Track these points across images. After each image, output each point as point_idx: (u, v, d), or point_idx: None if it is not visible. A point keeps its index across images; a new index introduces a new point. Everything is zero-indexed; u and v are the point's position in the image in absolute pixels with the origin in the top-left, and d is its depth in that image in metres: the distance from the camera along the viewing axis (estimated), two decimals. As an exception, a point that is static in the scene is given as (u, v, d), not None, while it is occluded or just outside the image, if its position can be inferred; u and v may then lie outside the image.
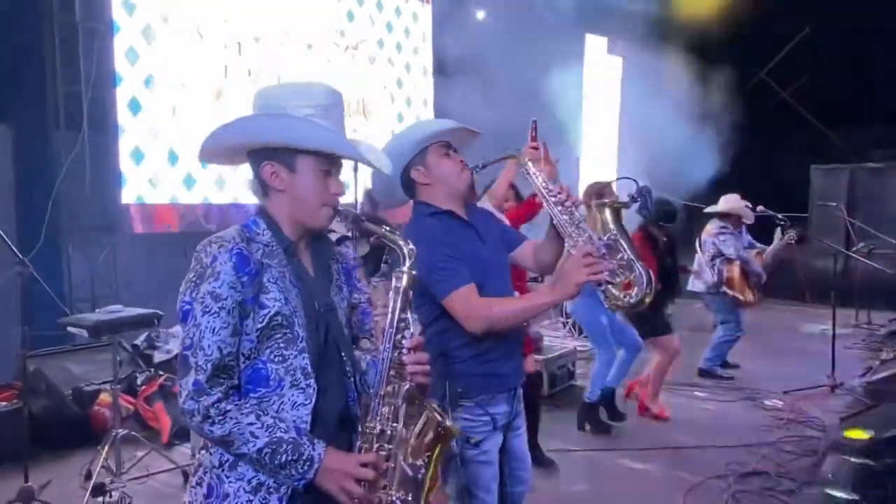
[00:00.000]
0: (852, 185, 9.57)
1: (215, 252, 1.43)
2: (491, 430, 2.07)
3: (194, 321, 1.41)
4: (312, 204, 1.51)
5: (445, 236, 2.05)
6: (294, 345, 1.46)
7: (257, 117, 1.51)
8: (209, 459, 1.48)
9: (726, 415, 4.96)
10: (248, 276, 1.43)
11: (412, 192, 2.17)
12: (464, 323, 2.00)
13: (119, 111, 5.86)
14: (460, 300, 1.98)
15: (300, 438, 1.41)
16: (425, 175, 2.11)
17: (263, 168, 1.50)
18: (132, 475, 3.70)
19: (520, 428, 2.22)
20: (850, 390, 5.28)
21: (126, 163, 5.95)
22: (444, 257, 2.00)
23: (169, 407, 4.47)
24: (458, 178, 2.11)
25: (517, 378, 2.18)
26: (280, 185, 1.51)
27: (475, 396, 2.06)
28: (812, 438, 4.36)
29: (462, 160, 2.14)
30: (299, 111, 1.47)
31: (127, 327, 3.77)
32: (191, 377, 1.39)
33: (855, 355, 6.40)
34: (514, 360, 2.17)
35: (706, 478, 3.78)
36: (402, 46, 8.36)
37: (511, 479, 2.18)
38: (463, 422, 2.01)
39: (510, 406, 2.15)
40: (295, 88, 1.53)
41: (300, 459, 1.40)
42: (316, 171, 1.50)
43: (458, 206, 2.14)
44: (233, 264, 1.42)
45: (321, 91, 1.52)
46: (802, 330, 7.57)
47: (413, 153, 2.09)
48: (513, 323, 2.09)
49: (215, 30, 6.46)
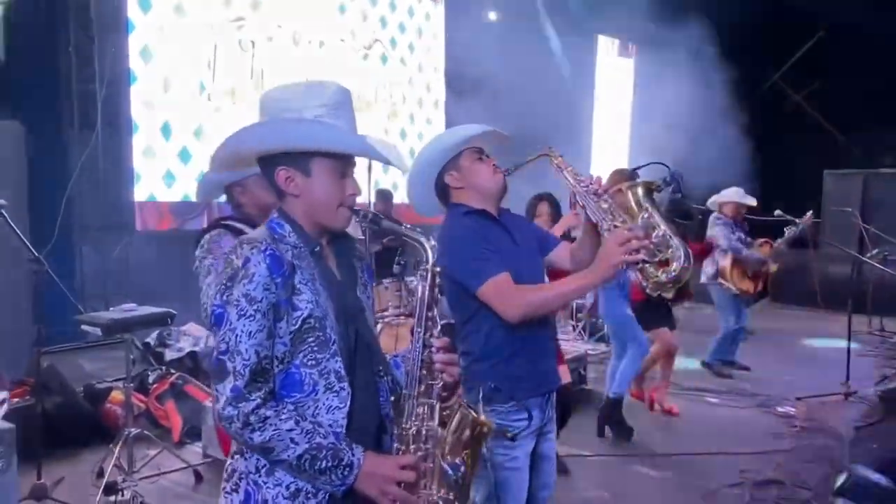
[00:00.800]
0: (866, 190, 9.49)
1: (247, 253, 1.40)
2: (526, 426, 2.05)
3: (229, 325, 1.38)
4: (329, 206, 1.49)
5: (480, 231, 2.07)
6: (327, 347, 1.45)
7: (270, 124, 1.48)
8: (244, 465, 1.45)
9: (739, 421, 4.91)
10: (281, 278, 1.41)
11: (446, 198, 2.18)
12: (500, 311, 1.99)
13: (133, 109, 5.88)
14: (495, 288, 1.98)
15: (339, 444, 1.40)
16: (459, 179, 2.13)
17: (278, 173, 1.48)
18: (144, 474, 3.70)
19: (550, 433, 2.21)
20: (864, 399, 5.23)
21: (139, 161, 5.97)
22: (478, 250, 2.01)
23: (180, 405, 4.46)
24: (492, 180, 2.13)
25: (552, 382, 2.18)
26: (295, 189, 1.48)
27: (509, 401, 2.05)
28: (826, 447, 4.31)
29: (494, 163, 2.16)
30: (309, 112, 1.45)
31: (140, 326, 3.77)
32: (229, 383, 1.37)
33: (869, 363, 6.33)
34: (549, 362, 2.17)
35: (721, 486, 3.74)
36: (415, 46, 8.35)
37: (537, 483, 2.17)
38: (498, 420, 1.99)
39: (543, 411, 2.14)
40: (302, 89, 1.50)
41: (340, 465, 1.38)
42: (331, 174, 1.48)
43: (492, 208, 2.16)
44: (266, 265, 1.39)
45: (330, 90, 1.49)
46: (815, 336, 7.50)
47: (446, 159, 2.12)
48: (550, 308, 2.12)
49: (229, 29, 6.48)
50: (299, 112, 1.45)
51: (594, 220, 2.04)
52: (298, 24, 7.04)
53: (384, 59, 7.93)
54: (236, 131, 1.52)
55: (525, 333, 2.05)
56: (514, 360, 2.06)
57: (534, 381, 2.10)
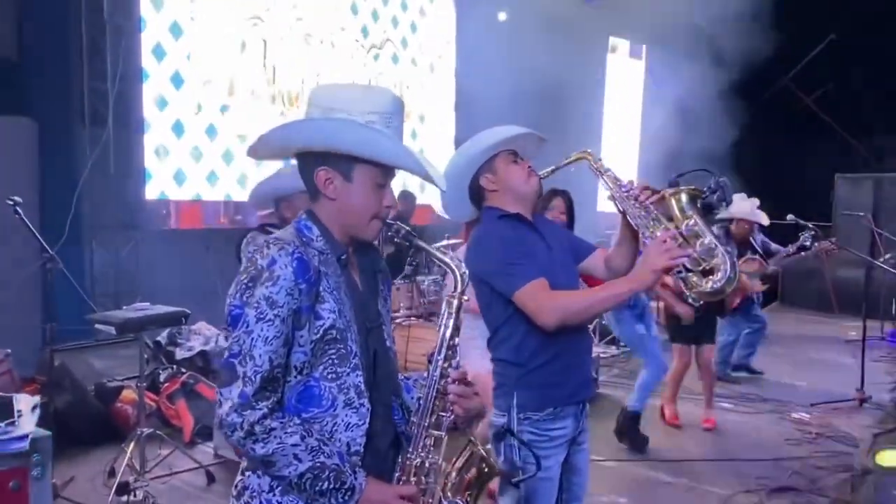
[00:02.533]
0: (877, 194, 9.44)
1: (274, 254, 1.35)
2: (553, 447, 2.00)
3: (246, 327, 1.32)
4: (364, 216, 1.45)
5: (515, 235, 2.03)
6: (347, 361, 1.39)
7: (326, 122, 1.42)
8: (258, 483, 1.40)
9: (753, 427, 4.87)
10: (306, 284, 1.35)
11: (480, 201, 2.14)
12: (535, 317, 1.93)
13: (145, 107, 5.87)
14: (531, 293, 1.92)
15: (343, 466, 1.35)
16: (494, 182, 2.09)
17: (318, 173, 1.43)
18: (155, 474, 3.69)
19: (584, 443, 2.15)
20: (879, 405, 5.18)
21: (151, 159, 5.96)
22: (514, 254, 1.96)
23: (191, 405, 4.45)
24: (527, 184, 2.09)
25: (587, 391, 2.12)
26: (333, 193, 1.44)
27: (543, 409, 2.00)
28: (842, 454, 4.27)
29: (530, 166, 2.12)
30: (362, 117, 1.40)
31: (154, 325, 3.76)
32: (237, 388, 1.30)
33: (882, 368, 6.28)
34: (584, 371, 2.12)
35: (737, 492, 3.71)
36: (425, 47, 8.33)
37: (568, 494, 2.12)
38: (528, 435, 1.96)
39: (577, 421, 2.08)
40: (359, 92, 1.46)
41: (342, 488, 1.33)
42: (372, 183, 1.44)
43: (527, 212, 2.12)
44: (293, 269, 1.34)
45: (386, 98, 1.45)
46: (829, 341, 7.45)
47: (482, 161, 2.09)
48: (587, 316, 2.05)
49: (241, 28, 6.47)
50: (350, 115, 1.40)
51: (634, 226, 1.98)
52: (311, 24, 7.03)
53: (395, 59, 7.91)
54: (285, 123, 1.48)
55: (561, 341, 1.98)
56: (548, 368, 2.00)
57: (569, 389, 2.04)
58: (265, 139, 1.47)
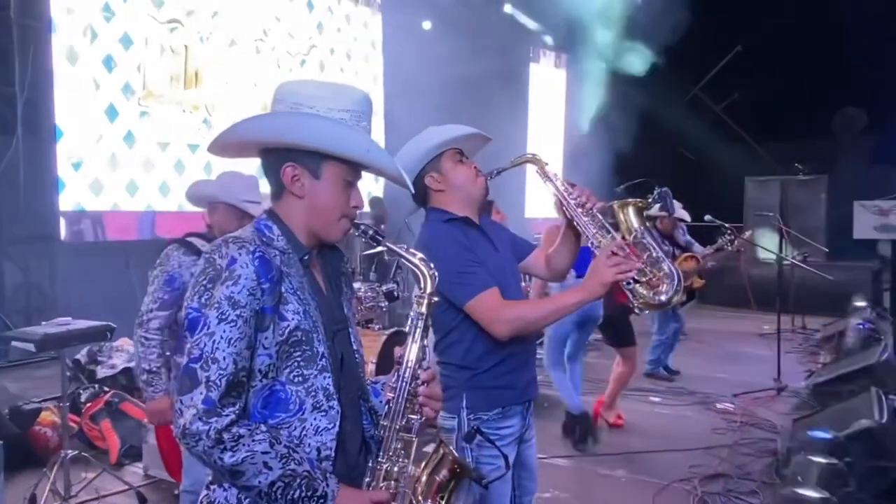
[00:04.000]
0: (783, 196, 10.05)
1: (234, 253, 1.29)
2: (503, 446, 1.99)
3: (206, 329, 1.26)
4: (331, 215, 1.41)
5: (465, 241, 2.01)
6: (314, 363, 1.35)
7: (298, 116, 1.37)
8: (224, 496, 1.33)
9: (682, 419, 5.07)
10: (269, 283, 1.30)
11: (424, 200, 2.12)
12: (489, 327, 1.93)
13: (58, 114, 5.57)
14: (486, 303, 1.92)
15: (314, 472, 1.30)
16: (440, 182, 2.07)
17: (284, 170, 1.38)
18: (81, 498, 3.49)
19: (531, 440, 2.18)
20: (795, 392, 5.50)
21: (64, 168, 5.65)
22: (466, 262, 1.94)
23: (116, 425, 4.23)
24: (474, 184, 2.08)
25: (532, 391, 2.14)
26: (300, 190, 1.39)
27: (492, 409, 2.01)
28: (765, 440, 4.50)
29: (476, 166, 2.11)
30: (333, 114, 1.36)
31: (77, 341, 3.56)
32: (200, 394, 1.23)
33: (794, 359, 6.67)
34: (530, 372, 2.14)
35: (671, 481, 3.84)
36: (352, 54, 8.28)
37: (520, 490, 2.14)
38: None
39: (524, 419, 2.11)
40: (328, 89, 1.41)
41: (314, 496, 1.28)
42: (341, 181, 1.40)
43: (473, 214, 2.11)
44: (255, 268, 1.29)
45: (357, 95, 1.42)
46: (747, 335, 7.85)
47: (427, 160, 2.06)
48: (539, 326, 2.08)
49: (160, 31, 6.24)
50: (319, 112, 1.36)
51: (583, 235, 2.01)
52: (234, 29, 6.86)
53: (322, 66, 7.83)
54: (251, 118, 1.42)
55: (507, 346, 1.99)
56: (497, 370, 2.01)
57: (516, 390, 2.06)
58: (229, 133, 1.41)
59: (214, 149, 1.46)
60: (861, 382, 4.40)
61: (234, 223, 2.68)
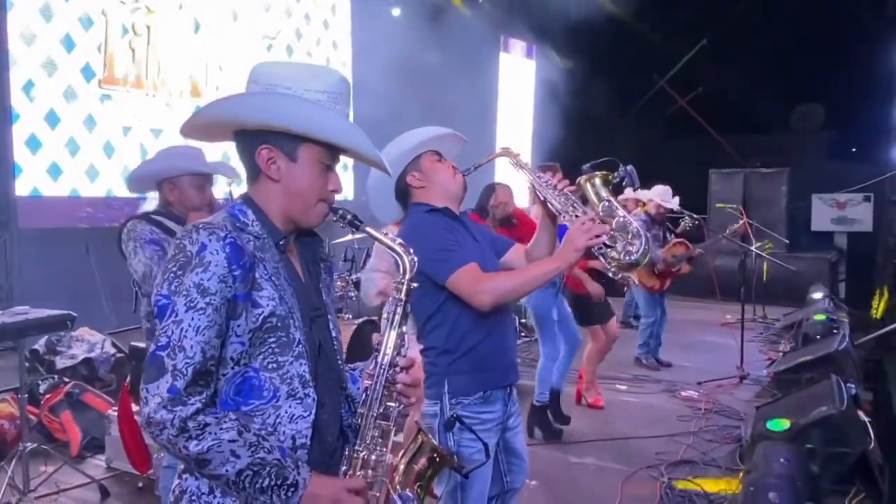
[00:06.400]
0: (746, 188, 10.25)
1: (204, 239, 1.25)
2: (485, 430, 2.05)
3: (174, 317, 1.23)
4: (309, 199, 1.37)
5: (445, 226, 2.10)
6: (290, 350, 1.32)
7: (273, 96, 1.33)
8: (196, 485, 1.30)
9: (648, 407, 5.15)
10: (241, 270, 1.27)
11: (406, 199, 2.20)
12: (471, 298, 1.99)
13: (13, 95, 5.36)
14: (466, 275, 1.99)
15: (285, 461, 1.28)
16: (420, 179, 2.16)
17: (260, 152, 1.34)
18: (41, 493, 3.40)
19: (517, 426, 2.25)
20: (757, 380, 5.63)
21: (21, 152, 5.46)
22: (446, 241, 2.04)
23: (77, 417, 4.12)
24: (453, 180, 2.18)
25: (512, 375, 2.20)
26: (276, 174, 1.35)
27: (473, 393, 2.06)
28: (728, 427, 4.61)
29: (453, 165, 2.21)
30: (310, 95, 1.33)
31: (36, 331, 3.46)
32: (165, 382, 1.20)
33: (756, 347, 6.83)
34: (510, 357, 2.20)
35: (639, 468, 3.90)
36: (321, 40, 8.16)
37: (511, 476, 2.23)
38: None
39: (505, 405, 2.16)
40: (305, 70, 1.38)
41: (284, 484, 1.26)
42: (318, 164, 1.37)
43: (454, 207, 2.20)
44: (226, 255, 1.25)
45: (334, 77, 1.38)
46: (711, 324, 8.01)
47: (408, 160, 2.15)
48: (520, 293, 2.17)
49: (119, 12, 6.05)
50: (295, 93, 1.32)
51: (555, 211, 2.11)
52: (199, 12, 6.68)
53: (290, 51, 7.69)
54: (225, 98, 1.38)
55: (490, 322, 2.07)
56: (478, 352, 2.07)
57: (496, 373, 2.12)
58: (202, 114, 1.36)
59: (187, 130, 1.41)
60: (820, 370, 4.52)
61: (196, 196, 2.64)
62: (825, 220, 10.61)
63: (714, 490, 3.56)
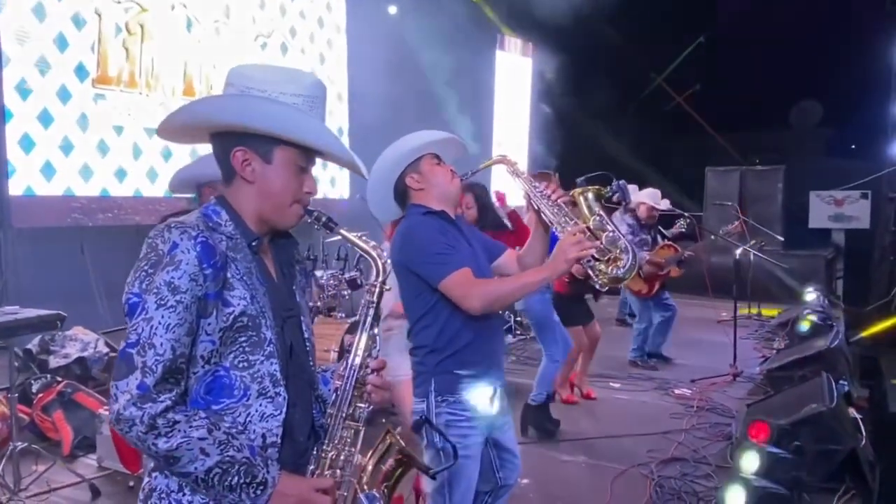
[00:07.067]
0: (742, 186, 10.24)
1: (175, 238, 1.27)
2: (471, 427, 2.11)
3: (145, 314, 1.24)
4: (283, 200, 1.39)
5: (441, 229, 2.16)
6: (261, 349, 1.33)
7: (248, 99, 1.35)
8: (165, 483, 1.32)
9: (640, 404, 5.16)
10: (212, 269, 1.28)
11: (404, 200, 2.25)
12: (462, 302, 2.05)
13: (6, 94, 5.36)
14: (458, 280, 2.05)
15: (254, 459, 1.29)
16: (419, 181, 2.22)
17: (235, 154, 1.36)
18: (32, 492, 3.40)
19: (506, 424, 2.31)
20: (750, 378, 5.64)
21: (14, 151, 5.46)
22: (441, 245, 2.10)
23: (69, 416, 4.13)
24: (451, 183, 2.24)
25: (498, 377, 2.25)
26: (250, 175, 1.37)
27: (459, 392, 2.11)
28: (720, 424, 4.61)
29: (452, 169, 2.28)
30: (285, 98, 1.34)
31: (27, 330, 3.46)
32: (135, 379, 1.21)
33: (749, 345, 6.83)
34: (496, 358, 2.25)
35: (630, 466, 3.91)
36: (316, 37, 8.14)
37: (504, 471, 2.30)
38: (446, 416, 2.08)
39: (491, 404, 2.19)
40: (281, 73, 1.39)
41: (253, 483, 1.27)
42: (293, 166, 1.38)
43: (450, 210, 2.26)
44: (196, 254, 1.27)
45: (308, 80, 1.40)
46: (705, 322, 8.00)
47: (408, 162, 2.21)
48: (509, 301, 2.22)
49: (113, 11, 6.04)
50: (270, 95, 1.34)
51: (548, 222, 2.17)
52: (193, 10, 6.67)
53: (284, 49, 7.68)
54: (200, 99, 1.42)
55: (479, 325, 2.12)
56: (467, 350, 2.12)
57: (484, 372, 2.16)
58: (177, 116, 1.38)
59: (163, 133, 1.43)
60: (812, 368, 4.52)
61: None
62: (823, 217, 10.59)
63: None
